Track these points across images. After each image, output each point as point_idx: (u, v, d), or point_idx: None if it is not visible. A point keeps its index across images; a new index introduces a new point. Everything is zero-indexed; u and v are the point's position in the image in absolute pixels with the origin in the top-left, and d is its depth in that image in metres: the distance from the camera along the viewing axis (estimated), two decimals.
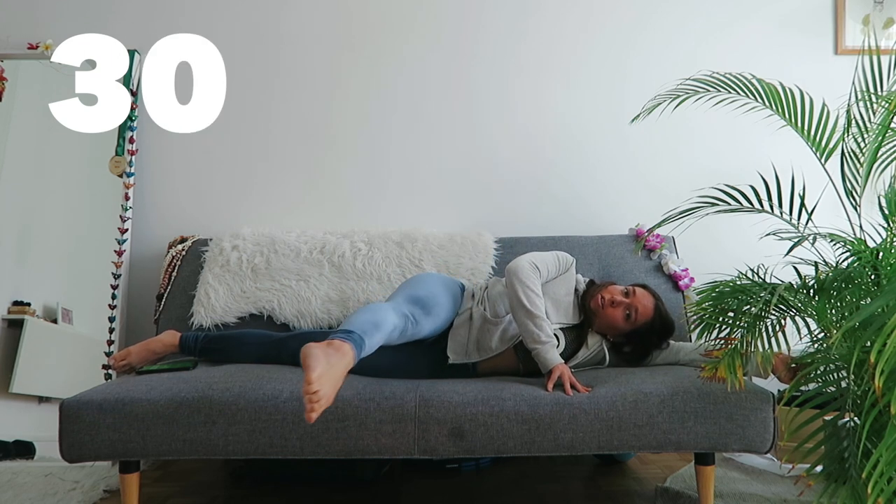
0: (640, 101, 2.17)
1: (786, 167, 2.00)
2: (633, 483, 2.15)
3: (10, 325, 2.45)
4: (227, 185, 2.65)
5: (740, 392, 1.64)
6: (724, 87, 1.94)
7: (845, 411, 1.49)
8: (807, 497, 1.92)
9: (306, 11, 2.66)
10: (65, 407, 1.65)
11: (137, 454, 1.66)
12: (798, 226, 1.84)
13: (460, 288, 2.11)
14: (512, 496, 2.05)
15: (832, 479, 1.43)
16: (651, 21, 2.66)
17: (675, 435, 1.67)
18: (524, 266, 1.90)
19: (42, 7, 2.64)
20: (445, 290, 2.02)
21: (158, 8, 2.64)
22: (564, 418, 1.65)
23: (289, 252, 2.38)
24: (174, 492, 2.09)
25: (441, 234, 2.43)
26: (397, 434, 1.66)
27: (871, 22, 2.60)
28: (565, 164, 2.66)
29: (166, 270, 2.41)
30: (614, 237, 2.46)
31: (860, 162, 1.78)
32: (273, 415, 1.65)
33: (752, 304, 1.64)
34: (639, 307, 1.94)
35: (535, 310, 1.83)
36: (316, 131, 2.66)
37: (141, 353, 2.08)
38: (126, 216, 2.54)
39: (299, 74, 2.66)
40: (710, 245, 2.54)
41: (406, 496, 2.06)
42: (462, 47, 2.66)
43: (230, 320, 2.28)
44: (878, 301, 1.35)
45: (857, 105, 1.78)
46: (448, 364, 1.97)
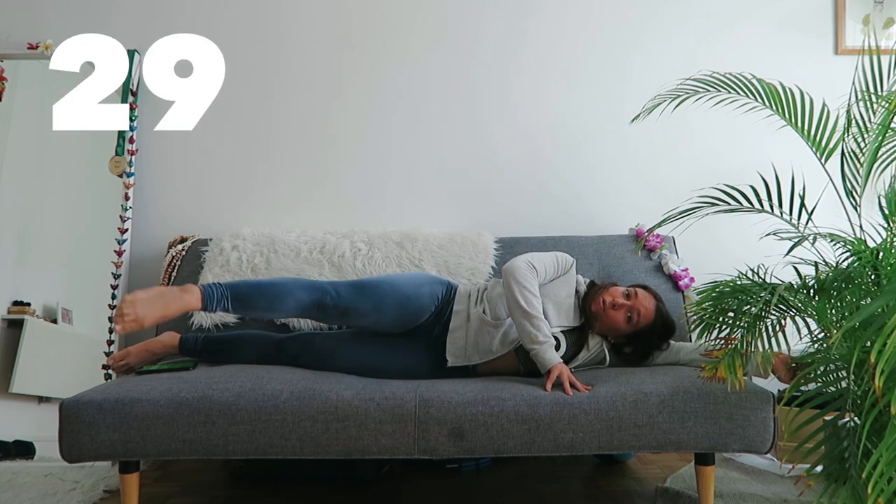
0: (640, 101, 2.17)
1: (786, 167, 2.00)
2: (633, 483, 2.15)
3: (10, 325, 2.45)
4: (227, 185, 2.65)
5: (740, 392, 1.64)
6: (724, 87, 1.94)
7: (845, 411, 1.49)
8: (807, 497, 1.92)
9: (306, 11, 2.66)
10: (65, 407, 1.65)
11: (137, 454, 1.66)
12: (798, 226, 1.84)
13: (444, 285, 2.08)
14: (512, 496, 2.05)
15: (832, 479, 1.43)
16: (651, 21, 2.66)
17: (675, 435, 1.67)
18: (521, 266, 1.89)
19: (42, 7, 2.64)
20: (409, 281, 2.02)
21: (158, 8, 2.64)
22: (564, 418, 1.65)
23: (289, 252, 2.37)
24: (174, 492, 2.09)
25: (441, 234, 2.43)
26: (397, 434, 1.66)
27: (871, 22, 2.59)
28: (565, 164, 2.66)
29: (166, 270, 2.41)
30: (614, 237, 2.46)
31: (860, 162, 1.78)
32: (273, 415, 1.65)
33: (752, 304, 1.64)
34: (640, 309, 1.93)
35: (531, 310, 1.83)
36: (316, 131, 2.66)
37: (140, 353, 2.08)
38: (126, 216, 2.54)
39: (299, 74, 2.66)
40: (710, 245, 2.54)
41: (406, 496, 2.06)
42: (462, 47, 2.66)
43: (230, 320, 2.28)
44: (878, 301, 1.35)
45: (857, 105, 1.78)
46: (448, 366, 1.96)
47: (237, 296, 1.86)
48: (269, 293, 1.90)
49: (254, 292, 1.89)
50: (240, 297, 1.87)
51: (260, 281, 2.06)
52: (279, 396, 1.67)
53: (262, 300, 1.89)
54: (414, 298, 1.98)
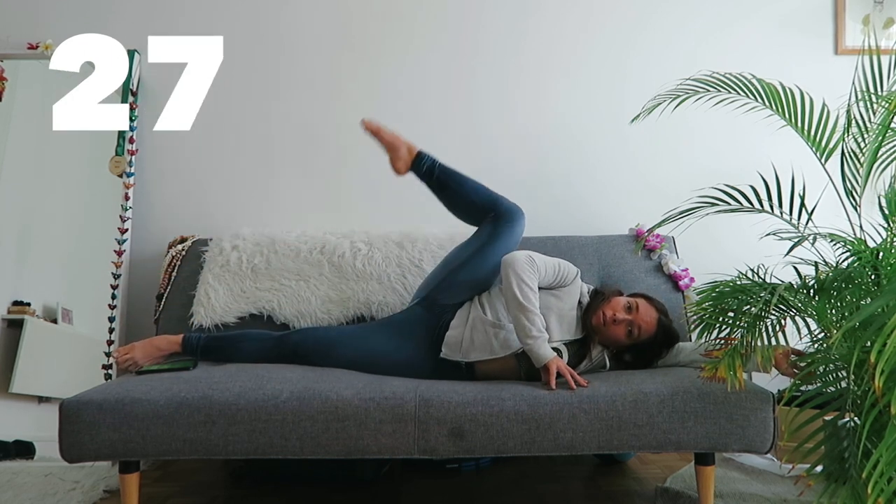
0: (640, 101, 2.16)
1: (786, 167, 2.00)
2: (633, 483, 2.15)
3: (10, 325, 2.45)
4: (227, 185, 2.65)
5: (740, 392, 1.64)
6: (724, 87, 1.94)
7: (845, 411, 1.49)
8: (807, 497, 1.92)
9: (306, 11, 2.66)
10: (65, 407, 1.65)
11: (137, 454, 1.66)
12: (798, 226, 1.84)
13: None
14: (512, 496, 2.05)
15: (832, 479, 1.43)
16: (651, 21, 2.66)
17: (675, 435, 1.66)
18: (521, 259, 1.88)
19: (42, 7, 2.64)
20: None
21: (158, 8, 2.64)
22: (564, 418, 1.65)
23: (289, 252, 2.37)
24: (174, 492, 2.09)
25: (441, 234, 2.43)
26: (397, 434, 1.66)
27: (871, 22, 2.59)
28: (565, 164, 2.66)
29: (166, 270, 2.41)
30: (614, 237, 2.46)
31: (860, 162, 1.78)
32: (273, 415, 1.65)
33: (752, 304, 1.63)
34: (642, 325, 1.91)
35: (527, 303, 1.82)
36: (316, 131, 2.66)
37: (145, 347, 2.06)
38: (126, 216, 2.54)
39: (299, 74, 2.66)
40: (710, 245, 2.54)
41: (406, 496, 2.06)
42: (462, 47, 2.66)
43: (230, 320, 2.28)
44: (878, 301, 1.35)
45: (857, 105, 1.78)
46: (447, 363, 1.96)
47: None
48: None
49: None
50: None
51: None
52: (279, 396, 1.67)
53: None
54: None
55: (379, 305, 2.30)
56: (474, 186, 2.15)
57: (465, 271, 2.06)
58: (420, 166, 2.15)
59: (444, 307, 2.04)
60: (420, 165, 2.15)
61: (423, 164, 2.15)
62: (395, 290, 2.31)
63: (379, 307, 2.30)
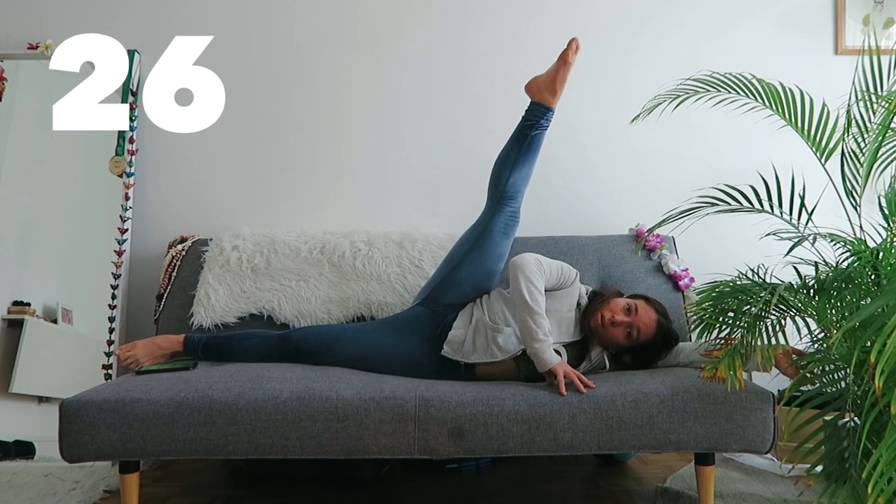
0: (640, 101, 2.16)
1: (786, 167, 2.00)
2: (633, 483, 2.15)
3: (10, 325, 2.45)
4: (227, 185, 2.65)
5: (740, 392, 1.64)
6: (725, 87, 1.94)
7: (845, 411, 1.49)
8: (807, 497, 1.92)
9: (308, 11, 2.66)
10: (65, 407, 1.65)
11: (137, 454, 1.66)
12: (798, 226, 1.84)
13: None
14: (512, 496, 2.05)
15: (832, 479, 1.43)
16: (651, 21, 2.66)
17: (675, 435, 1.67)
18: (530, 262, 1.89)
19: (42, 7, 2.64)
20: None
21: (159, 8, 2.64)
22: (564, 418, 1.66)
23: (289, 252, 2.38)
24: (174, 492, 2.09)
25: (441, 234, 2.43)
26: (397, 434, 1.66)
27: (871, 22, 2.59)
28: (565, 164, 2.66)
29: (166, 270, 2.41)
30: (614, 237, 2.46)
31: (860, 162, 1.77)
32: (273, 415, 1.66)
33: (752, 304, 1.64)
34: (640, 326, 1.90)
35: (535, 306, 1.82)
36: (316, 131, 2.66)
37: (147, 346, 2.07)
38: (126, 216, 2.54)
39: (300, 74, 2.66)
40: (710, 245, 2.54)
41: (406, 496, 2.06)
42: (464, 48, 2.66)
43: (230, 320, 2.28)
44: (878, 301, 1.35)
45: (857, 105, 1.78)
46: (448, 361, 1.96)
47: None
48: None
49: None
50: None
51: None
52: (279, 396, 1.67)
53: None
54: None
55: (379, 305, 2.30)
56: (528, 173, 2.22)
57: (466, 268, 2.06)
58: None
59: (446, 307, 2.04)
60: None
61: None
62: (395, 290, 2.31)
63: (379, 307, 2.30)
